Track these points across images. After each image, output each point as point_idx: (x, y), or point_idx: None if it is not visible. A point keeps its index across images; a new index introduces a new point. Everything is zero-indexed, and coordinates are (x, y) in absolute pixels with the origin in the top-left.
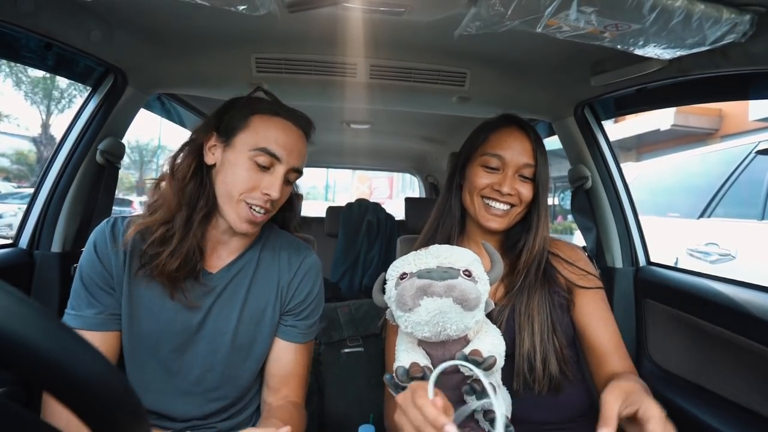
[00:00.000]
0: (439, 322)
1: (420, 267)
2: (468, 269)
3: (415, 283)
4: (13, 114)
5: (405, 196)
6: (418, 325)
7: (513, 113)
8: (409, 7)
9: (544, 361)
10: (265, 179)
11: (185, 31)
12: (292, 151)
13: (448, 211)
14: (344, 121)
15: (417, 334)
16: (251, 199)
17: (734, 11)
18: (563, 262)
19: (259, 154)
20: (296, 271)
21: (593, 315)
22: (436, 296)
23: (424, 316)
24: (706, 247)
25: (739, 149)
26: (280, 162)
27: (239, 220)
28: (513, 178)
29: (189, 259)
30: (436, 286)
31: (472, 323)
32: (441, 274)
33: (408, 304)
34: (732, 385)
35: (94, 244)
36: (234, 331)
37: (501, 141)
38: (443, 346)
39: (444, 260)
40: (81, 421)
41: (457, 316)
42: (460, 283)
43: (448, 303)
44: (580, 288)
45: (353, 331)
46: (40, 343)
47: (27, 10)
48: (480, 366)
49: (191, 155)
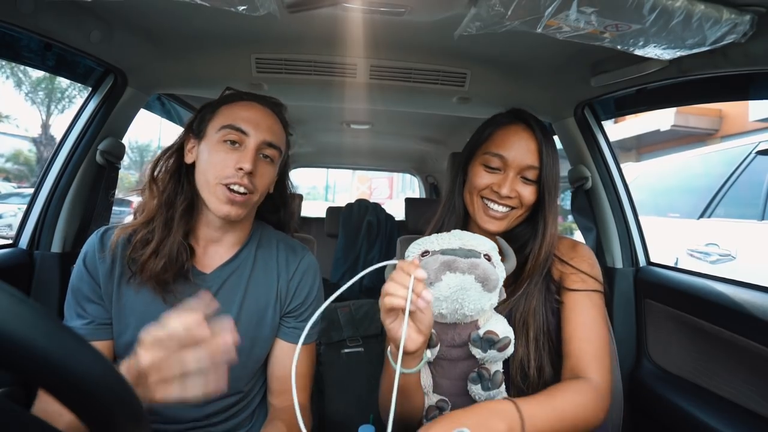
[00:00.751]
0: (458, 299)
1: (443, 246)
2: (488, 254)
3: (439, 259)
4: (13, 114)
5: (405, 196)
6: (436, 300)
7: (523, 108)
8: (409, 7)
9: (539, 369)
10: (237, 155)
11: (185, 31)
12: (259, 125)
13: (452, 209)
14: (344, 122)
15: (434, 310)
16: (227, 179)
17: (734, 11)
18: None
19: (227, 133)
20: (294, 271)
21: (576, 318)
22: (459, 272)
23: (444, 291)
24: (706, 248)
25: (739, 150)
26: (247, 135)
27: (219, 202)
28: (514, 180)
29: (174, 259)
30: (460, 262)
31: (488, 306)
32: (466, 252)
33: (430, 278)
34: (732, 385)
35: (84, 256)
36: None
37: (504, 140)
38: (455, 328)
39: (467, 242)
40: (81, 421)
41: (477, 294)
42: (483, 262)
43: (470, 280)
44: (568, 290)
45: (353, 331)
46: (40, 343)
47: (27, 11)
48: (495, 346)
49: (171, 159)
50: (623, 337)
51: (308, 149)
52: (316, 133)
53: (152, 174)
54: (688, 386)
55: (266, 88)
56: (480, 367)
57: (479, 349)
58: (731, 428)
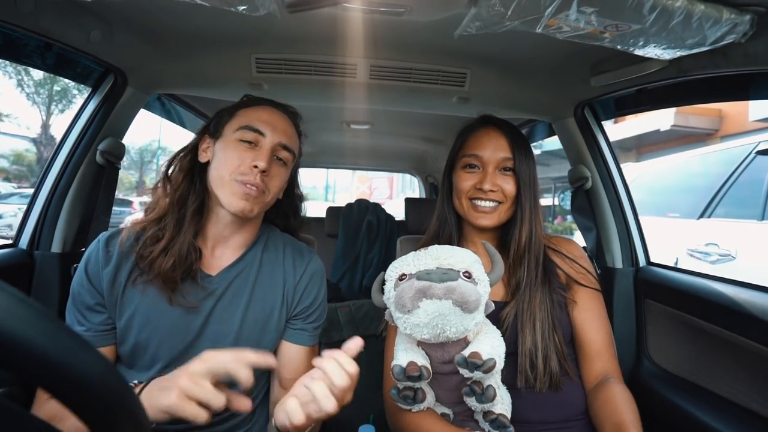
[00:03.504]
0: (438, 325)
1: (419, 268)
2: (468, 271)
3: (414, 285)
4: (13, 114)
5: (405, 196)
6: (417, 327)
7: (489, 114)
8: (409, 7)
9: (545, 359)
10: (252, 153)
11: (185, 31)
12: (276, 127)
13: (445, 219)
14: (344, 122)
15: (416, 336)
16: (241, 175)
17: (734, 11)
18: (564, 258)
19: (244, 132)
20: (302, 275)
21: (589, 314)
22: (436, 298)
23: (423, 318)
24: (706, 248)
25: (739, 149)
26: (264, 136)
27: (234, 197)
28: (494, 174)
29: (184, 258)
30: (435, 288)
31: (472, 325)
32: (440, 275)
33: (407, 306)
34: (732, 385)
35: (86, 263)
36: (237, 334)
37: (478, 141)
38: (442, 347)
39: (444, 261)
40: (81, 421)
41: (457, 318)
42: (459, 285)
43: (447, 305)
44: (579, 285)
45: (353, 331)
46: (41, 343)
47: (27, 10)
48: (479, 369)
49: (186, 158)
50: (623, 337)
51: (308, 149)
52: (316, 133)
53: (166, 172)
54: (688, 386)
55: (266, 88)
56: (472, 383)
57: (466, 369)
58: (731, 428)
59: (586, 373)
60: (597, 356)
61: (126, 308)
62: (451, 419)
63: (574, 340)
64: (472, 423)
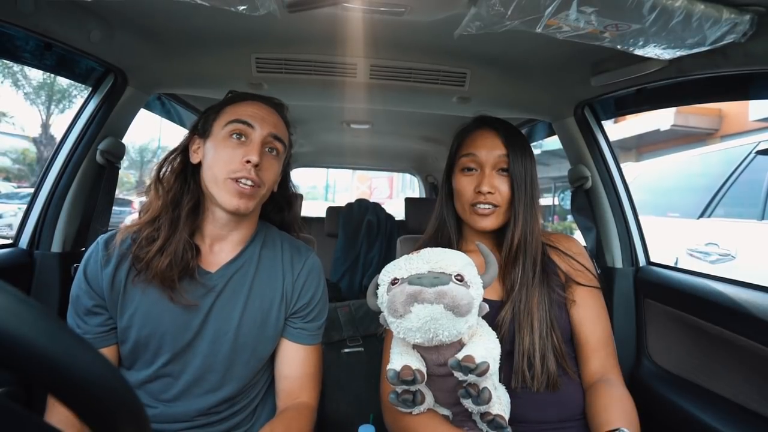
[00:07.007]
0: (431, 329)
1: (411, 272)
2: (460, 274)
3: (405, 290)
4: (12, 114)
5: (405, 196)
6: (409, 331)
7: (484, 114)
8: (409, 7)
9: (543, 358)
10: (243, 149)
11: (185, 31)
12: (264, 119)
13: (444, 220)
14: (344, 121)
15: (409, 340)
16: (235, 173)
17: (734, 11)
18: (561, 255)
19: (234, 127)
20: (300, 272)
21: (587, 311)
22: (427, 303)
23: (415, 322)
24: (706, 247)
25: (739, 149)
26: (253, 129)
27: (229, 195)
28: (491, 175)
29: (180, 257)
30: (426, 292)
31: (465, 328)
32: (432, 280)
33: (399, 311)
34: (732, 385)
35: (86, 266)
36: (236, 331)
37: (474, 141)
38: (437, 350)
39: (435, 265)
40: (81, 421)
41: (449, 322)
42: (451, 289)
43: (439, 310)
44: (578, 284)
45: (353, 331)
46: (40, 343)
47: (27, 10)
48: (473, 372)
49: (177, 160)
50: (623, 337)
51: (308, 149)
52: (316, 133)
53: (157, 175)
54: (688, 386)
55: (266, 88)
56: (468, 386)
57: (460, 372)
58: (731, 428)
59: (584, 371)
60: (594, 353)
61: (127, 307)
62: (450, 420)
63: (573, 338)
64: (471, 423)
